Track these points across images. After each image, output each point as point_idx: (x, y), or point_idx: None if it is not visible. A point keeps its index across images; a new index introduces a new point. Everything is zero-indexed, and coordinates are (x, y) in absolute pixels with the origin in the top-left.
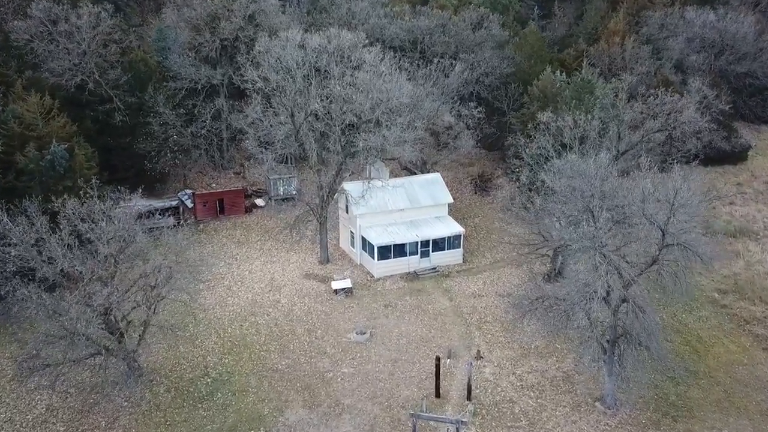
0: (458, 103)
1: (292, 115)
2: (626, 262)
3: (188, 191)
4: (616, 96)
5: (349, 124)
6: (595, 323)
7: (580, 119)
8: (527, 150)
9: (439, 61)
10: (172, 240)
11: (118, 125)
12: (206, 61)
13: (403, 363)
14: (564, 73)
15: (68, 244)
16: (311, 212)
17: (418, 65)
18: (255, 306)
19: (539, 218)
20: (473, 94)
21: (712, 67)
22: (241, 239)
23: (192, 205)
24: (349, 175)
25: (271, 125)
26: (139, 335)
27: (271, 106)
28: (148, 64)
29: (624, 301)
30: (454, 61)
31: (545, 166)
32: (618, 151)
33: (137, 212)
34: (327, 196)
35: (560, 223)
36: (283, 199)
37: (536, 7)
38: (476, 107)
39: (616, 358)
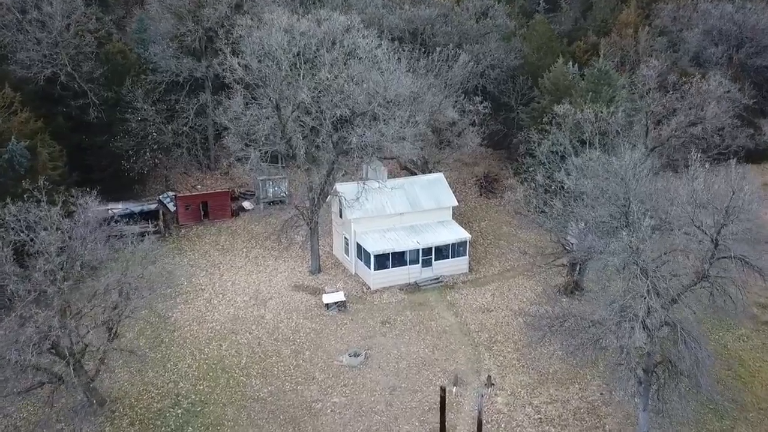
0: (462, 97)
1: (278, 108)
2: (669, 276)
3: (171, 194)
4: (644, 85)
5: (341, 118)
6: (629, 349)
7: (602, 112)
8: (541, 147)
9: (441, 50)
10: (146, 248)
11: (93, 122)
12: (190, 53)
13: (402, 391)
14: (576, 65)
15: (5, 257)
16: (301, 216)
17: (419, 57)
18: (237, 322)
19: (559, 224)
20: (478, 89)
21: (732, 60)
22: (225, 246)
23: (175, 208)
24: (343, 175)
25: (257, 120)
26: (99, 360)
27: (254, 99)
28: (127, 56)
29: (666, 324)
30: (458, 50)
31: (562, 165)
32: (646, 147)
33: (108, 217)
34: (318, 198)
35: (588, 231)
36: (271, 202)
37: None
38: (481, 102)
39: (653, 389)
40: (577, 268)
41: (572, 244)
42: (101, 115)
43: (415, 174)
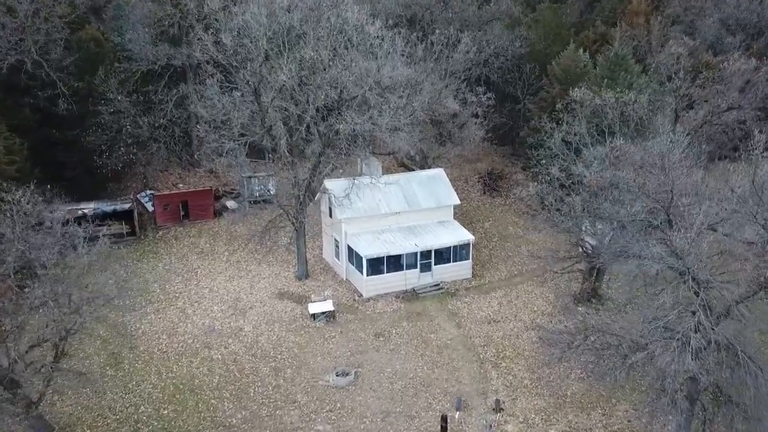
0: (465, 86)
1: (257, 93)
2: (722, 285)
3: (150, 192)
4: (673, 65)
5: (328, 106)
6: (673, 374)
7: (626, 96)
8: (554, 137)
9: (441, 32)
10: (100, 252)
11: (63, 114)
12: (169, 39)
13: (397, 417)
14: (587, 53)
15: None
16: (286, 216)
17: (416, 42)
18: (211, 335)
19: (579, 223)
20: (481, 78)
21: (750, 49)
22: (205, 249)
23: (153, 208)
24: (332, 170)
25: (234, 106)
26: (45, 381)
27: (230, 84)
28: (101, 43)
29: (716, 344)
30: (460, 33)
31: (578, 157)
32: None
33: (75, 217)
34: (304, 196)
35: (615, 230)
36: (257, 202)
37: None
38: (485, 93)
39: (697, 422)
40: (594, 274)
41: (591, 246)
42: (72, 107)
43: (413, 171)
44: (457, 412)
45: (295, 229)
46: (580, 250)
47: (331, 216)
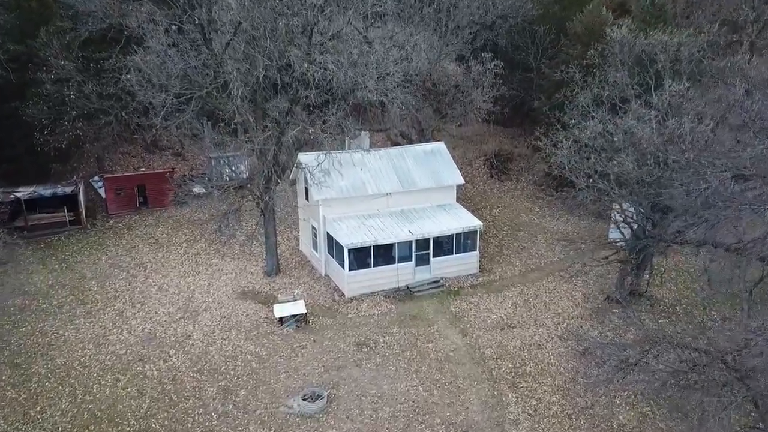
0: (469, 53)
1: (204, 35)
2: None
3: (101, 175)
4: None
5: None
6: None
7: (680, 36)
8: (584, 92)
9: None
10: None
11: None
12: None
13: None
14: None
15: None
16: (251, 196)
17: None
18: (150, 344)
19: (640, 196)
20: (487, 45)
21: None
22: (161, 240)
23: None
24: (301, 133)
25: (177, 52)
26: None
27: (178, 28)
28: (45, 1)
29: None
30: None
31: (619, 115)
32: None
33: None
34: (271, 170)
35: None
36: (228, 186)
37: None
38: (492, 60)
39: None
40: (632, 267)
41: (633, 229)
42: (9, 74)
43: None
44: None
45: (261, 213)
46: (622, 235)
47: (307, 198)
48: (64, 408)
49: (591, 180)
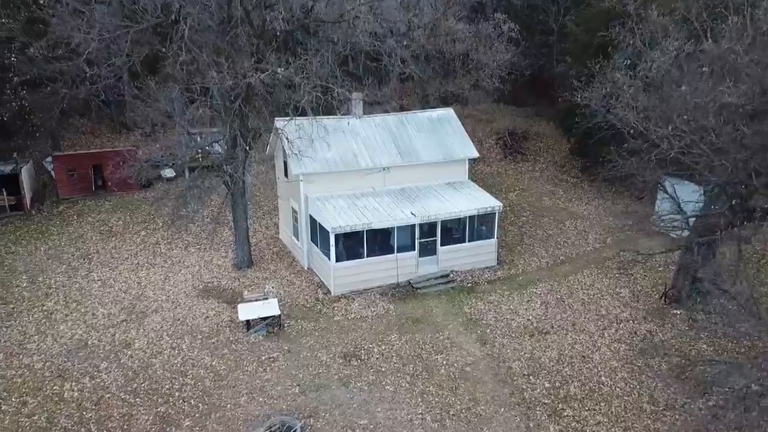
0: (478, 15)
1: None
2: None
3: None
4: None
5: None
6: None
7: None
8: (629, 41)
9: None
10: None
11: None
12: None
13: None
14: None
15: None
16: (219, 172)
17: None
18: (78, 355)
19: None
20: (500, 5)
21: None
22: (115, 228)
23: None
24: (272, 77)
25: None
26: None
27: None
28: None
29: None
30: None
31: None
32: None
33: None
34: (238, 136)
35: None
36: (201, 167)
37: None
38: (505, 22)
39: None
40: (698, 256)
41: (687, 213)
42: None
43: None
44: None
45: (228, 192)
46: (683, 215)
47: (286, 174)
48: None
49: (672, 128)
